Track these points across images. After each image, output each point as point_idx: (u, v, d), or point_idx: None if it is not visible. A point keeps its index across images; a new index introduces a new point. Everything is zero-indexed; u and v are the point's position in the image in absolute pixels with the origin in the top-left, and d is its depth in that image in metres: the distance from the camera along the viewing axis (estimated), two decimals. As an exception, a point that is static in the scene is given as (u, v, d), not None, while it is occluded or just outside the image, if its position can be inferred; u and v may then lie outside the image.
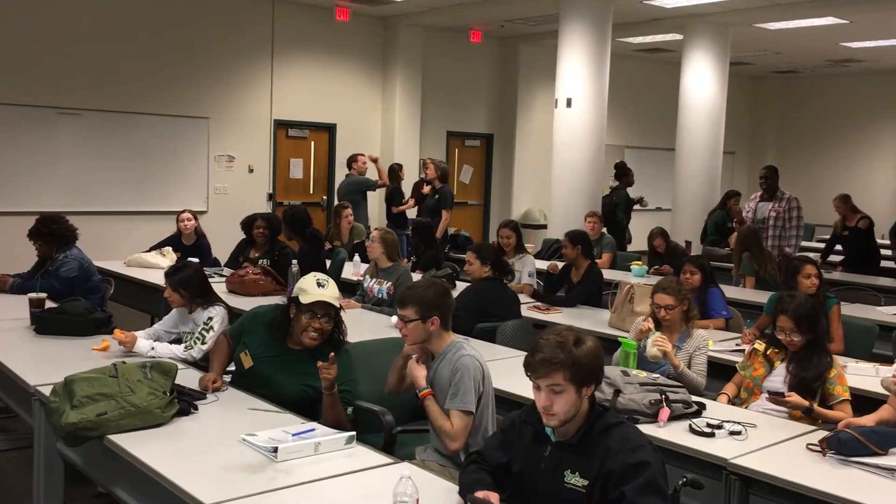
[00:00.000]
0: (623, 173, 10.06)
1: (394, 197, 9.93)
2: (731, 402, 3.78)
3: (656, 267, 7.58)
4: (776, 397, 3.48)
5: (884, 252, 8.98)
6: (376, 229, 5.87)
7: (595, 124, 9.43)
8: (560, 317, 5.47)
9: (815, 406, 3.45)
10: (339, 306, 3.31)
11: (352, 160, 9.30)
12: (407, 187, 10.17)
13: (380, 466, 2.63)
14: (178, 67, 9.81)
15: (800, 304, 3.69)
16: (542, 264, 8.00)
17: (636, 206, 10.26)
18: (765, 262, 6.86)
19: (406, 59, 11.50)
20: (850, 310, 5.48)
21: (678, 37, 11.09)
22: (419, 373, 3.05)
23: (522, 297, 5.70)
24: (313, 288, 3.24)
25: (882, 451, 2.82)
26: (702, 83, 10.76)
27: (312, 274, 3.36)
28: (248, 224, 6.60)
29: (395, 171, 10.12)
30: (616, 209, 9.82)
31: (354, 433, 2.78)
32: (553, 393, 2.23)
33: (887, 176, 14.80)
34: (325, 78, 11.07)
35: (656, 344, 3.87)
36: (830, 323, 4.73)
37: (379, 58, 11.56)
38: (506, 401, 3.40)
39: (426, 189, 9.22)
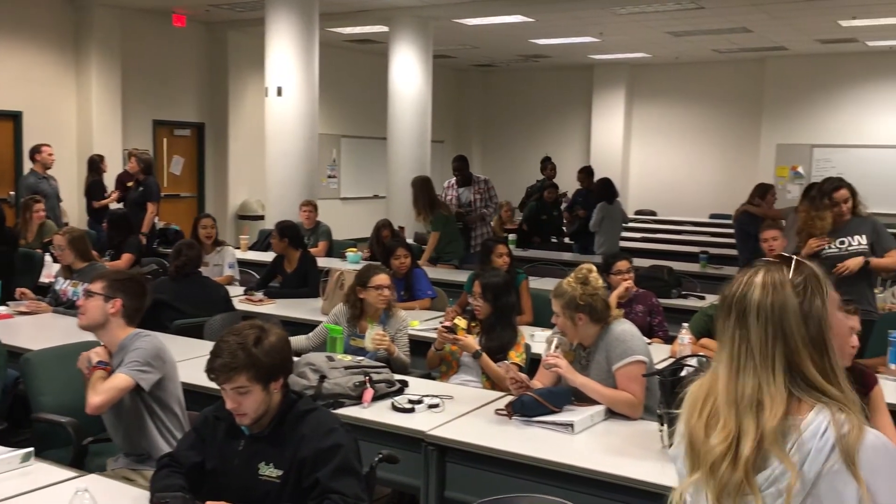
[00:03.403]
0: (545, 167, 10.39)
1: (94, 190, 9.21)
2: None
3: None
4: (447, 335, 3.76)
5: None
6: (56, 234, 5.41)
7: (307, 113, 9.42)
8: (273, 307, 5.43)
9: (484, 355, 3.78)
10: None
11: (35, 151, 8.45)
12: (110, 180, 9.49)
13: (61, 482, 2.43)
14: None
15: (492, 276, 4.02)
16: (256, 255, 7.93)
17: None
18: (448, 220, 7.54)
19: (101, 43, 10.65)
20: (539, 283, 6.02)
21: (385, 29, 11.41)
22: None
23: (234, 290, 5.58)
24: None
25: (558, 408, 3.14)
26: (408, 74, 11.18)
27: None
28: None
29: (96, 163, 9.39)
30: (528, 200, 10.10)
31: (32, 449, 2.54)
32: (239, 394, 2.21)
33: (575, 162, 16.38)
34: (6, 61, 9.93)
35: (374, 341, 3.98)
36: (521, 296, 5.17)
37: (70, 40, 10.59)
38: (208, 396, 3.31)
39: (131, 184, 8.67)
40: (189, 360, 3.74)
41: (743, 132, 14.65)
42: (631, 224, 11.84)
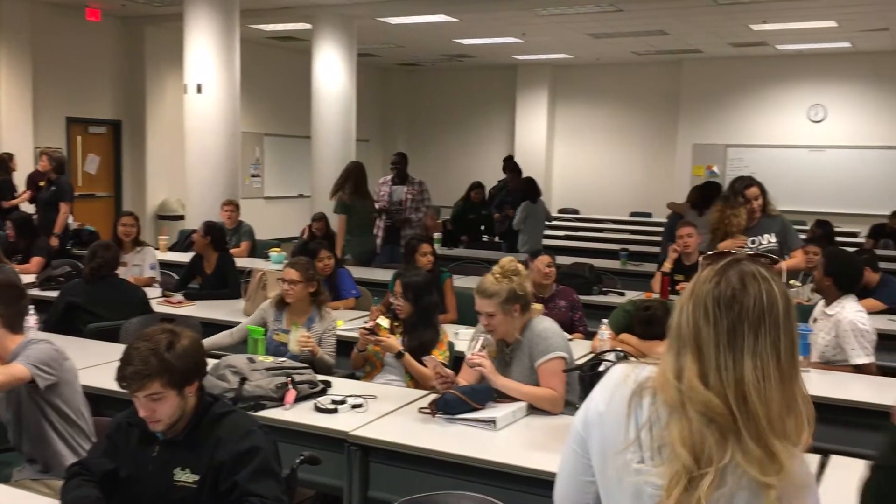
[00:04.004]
0: (508, 166, 10.55)
1: (3, 190, 8.85)
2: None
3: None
4: (369, 337, 3.75)
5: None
6: None
7: (228, 111, 9.25)
8: (193, 309, 5.32)
9: (406, 355, 3.77)
10: None
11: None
12: (21, 179, 9.14)
13: (-36, 495, 2.34)
14: None
15: (413, 275, 4.02)
16: (175, 256, 7.75)
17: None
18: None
19: (10, 37, 10.22)
20: (464, 282, 6.06)
21: (307, 26, 11.29)
22: None
23: (152, 291, 5.45)
24: None
25: (480, 405, 3.17)
26: (332, 73, 11.09)
27: None
28: None
29: (5, 162, 9.03)
30: (492, 200, 10.24)
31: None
32: (153, 401, 2.16)
33: (500, 161, 16.49)
34: None
35: (299, 343, 3.95)
36: (445, 295, 5.20)
37: (-24, 33, 10.15)
38: (124, 401, 3.22)
39: (43, 183, 8.36)
40: (104, 364, 3.64)
41: (661, 132, 15.03)
42: (554, 222, 12.03)
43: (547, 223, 9.70)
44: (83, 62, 11.46)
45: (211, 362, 3.38)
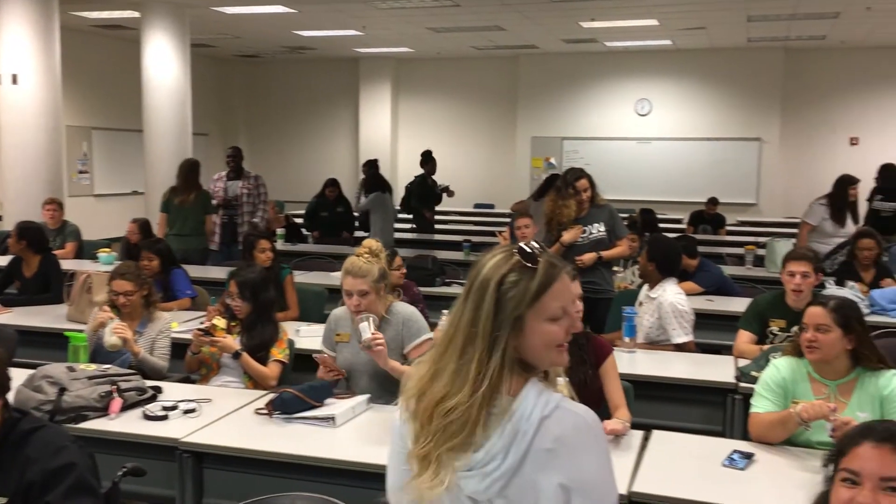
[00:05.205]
0: (425, 161, 10.50)
1: None
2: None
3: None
4: (203, 338, 3.63)
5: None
6: None
7: (49, 103, 8.64)
8: (9, 317, 4.94)
9: (244, 355, 3.68)
10: None
11: None
12: None
13: None
14: None
15: (248, 273, 3.90)
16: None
17: (444, 195, 10.65)
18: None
19: None
20: (307, 277, 5.97)
21: (136, 14, 10.72)
22: None
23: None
24: None
25: (318, 403, 3.13)
26: (164, 63, 10.58)
27: None
28: None
29: None
30: (410, 195, 10.33)
31: None
32: None
33: (345, 155, 16.43)
34: None
35: (115, 332, 3.74)
36: (286, 291, 5.09)
37: None
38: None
39: None
40: None
41: (501, 125, 15.42)
42: (400, 215, 12.08)
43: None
44: None
45: (26, 373, 3.16)
